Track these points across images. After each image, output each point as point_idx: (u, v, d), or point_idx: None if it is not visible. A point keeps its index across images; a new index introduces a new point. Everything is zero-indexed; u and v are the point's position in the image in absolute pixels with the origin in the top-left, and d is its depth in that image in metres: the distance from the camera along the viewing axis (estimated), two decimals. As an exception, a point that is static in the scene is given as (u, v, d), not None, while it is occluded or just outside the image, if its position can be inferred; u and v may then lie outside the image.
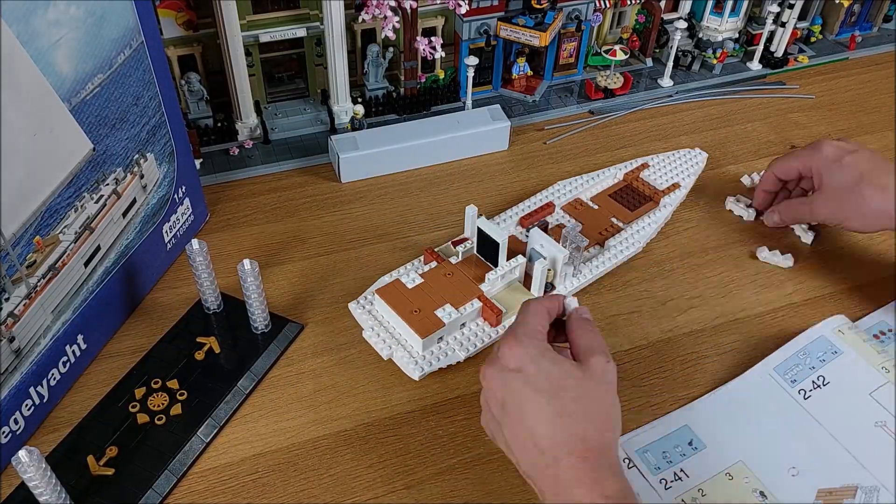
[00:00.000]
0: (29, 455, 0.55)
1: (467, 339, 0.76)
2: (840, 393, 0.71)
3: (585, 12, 1.09)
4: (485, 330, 0.77)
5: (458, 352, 0.75)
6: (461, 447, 0.70)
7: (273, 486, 0.67)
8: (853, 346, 0.74)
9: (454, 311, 0.76)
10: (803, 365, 0.73)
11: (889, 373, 0.71)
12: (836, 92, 1.16)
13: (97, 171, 0.70)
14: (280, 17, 0.98)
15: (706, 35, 1.18)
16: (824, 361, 0.73)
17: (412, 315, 0.75)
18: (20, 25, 0.57)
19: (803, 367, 0.73)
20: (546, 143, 1.05)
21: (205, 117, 1.01)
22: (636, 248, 0.86)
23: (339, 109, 1.04)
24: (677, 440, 0.69)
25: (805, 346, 0.75)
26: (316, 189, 0.96)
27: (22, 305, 0.64)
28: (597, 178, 0.95)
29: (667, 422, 0.71)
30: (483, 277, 0.79)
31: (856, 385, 0.71)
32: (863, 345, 0.74)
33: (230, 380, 0.73)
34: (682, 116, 1.10)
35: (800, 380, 0.72)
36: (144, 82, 0.74)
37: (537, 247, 0.79)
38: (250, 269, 0.72)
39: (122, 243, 0.76)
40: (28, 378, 0.67)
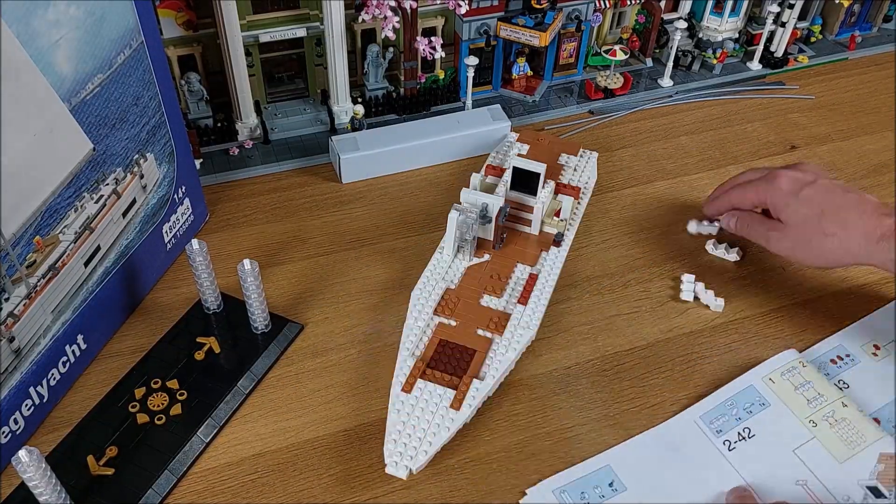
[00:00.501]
0: (29, 455, 0.55)
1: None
2: (764, 447, 0.69)
3: (585, 12, 1.09)
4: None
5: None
6: (461, 447, 0.70)
7: (273, 486, 0.67)
8: (782, 397, 0.72)
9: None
10: (729, 415, 0.71)
11: (816, 427, 0.70)
12: (836, 92, 1.16)
13: (97, 171, 0.70)
14: (280, 17, 0.98)
15: (706, 35, 1.18)
16: (751, 413, 0.71)
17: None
18: (20, 25, 0.57)
19: (730, 417, 0.71)
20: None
21: (205, 117, 1.01)
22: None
23: (339, 109, 1.04)
24: (598, 481, 0.67)
25: (732, 396, 0.73)
26: (316, 189, 0.96)
27: (22, 305, 0.64)
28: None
29: (589, 463, 0.69)
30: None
31: (780, 439, 0.69)
32: (793, 395, 0.72)
33: (230, 380, 0.73)
34: (682, 116, 1.10)
35: (725, 430, 0.70)
36: (144, 82, 0.74)
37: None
38: (250, 269, 0.72)
39: (122, 243, 0.76)
40: (28, 378, 0.67)
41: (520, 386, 0.75)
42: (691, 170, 1.00)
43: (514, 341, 0.74)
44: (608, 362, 0.77)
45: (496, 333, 0.75)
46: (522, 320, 0.76)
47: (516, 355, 0.74)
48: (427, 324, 0.76)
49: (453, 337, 0.75)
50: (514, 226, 0.86)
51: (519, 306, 0.77)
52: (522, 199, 0.85)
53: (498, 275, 0.81)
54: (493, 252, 0.83)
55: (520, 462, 0.69)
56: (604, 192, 0.96)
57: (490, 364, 0.72)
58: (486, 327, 0.75)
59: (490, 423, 0.72)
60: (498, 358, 0.73)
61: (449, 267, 0.82)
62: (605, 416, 0.72)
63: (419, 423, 0.67)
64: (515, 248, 0.84)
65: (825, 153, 1.04)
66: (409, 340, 0.74)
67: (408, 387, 0.70)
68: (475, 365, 0.72)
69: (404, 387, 0.70)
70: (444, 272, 0.81)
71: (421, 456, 0.66)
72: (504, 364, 0.72)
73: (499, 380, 0.72)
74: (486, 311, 0.77)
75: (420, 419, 0.68)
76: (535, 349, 0.78)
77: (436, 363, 0.72)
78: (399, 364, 0.72)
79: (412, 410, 0.68)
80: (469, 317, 0.77)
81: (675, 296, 0.84)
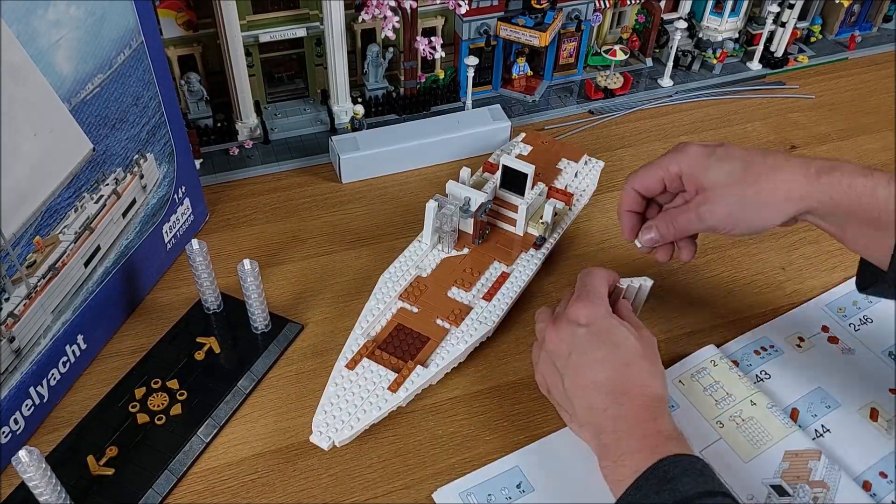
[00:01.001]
0: (29, 455, 0.55)
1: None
2: None
3: (585, 12, 1.09)
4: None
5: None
6: (461, 447, 0.70)
7: (273, 486, 0.67)
8: (691, 398, 0.72)
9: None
10: None
11: (723, 427, 0.70)
12: (836, 92, 1.16)
13: (97, 171, 0.70)
14: (280, 17, 0.98)
15: (706, 35, 1.18)
16: None
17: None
18: (20, 25, 0.57)
19: None
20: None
21: (205, 117, 1.01)
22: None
23: (339, 109, 1.04)
24: (505, 482, 0.66)
25: None
26: (316, 189, 0.96)
27: (22, 305, 0.64)
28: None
29: (497, 464, 0.68)
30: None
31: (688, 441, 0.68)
32: (701, 397, 0.72)
33: (230, 380, 0.73)
34: (682, 116, 1.10)
35: None
36: (144, 82, 0.74)
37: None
38: (250, 269, 0.72)
39: (122, 243, 0.76)
40: (28, 378, 0.67)
41: (520, 386, 0.75)
42: (691, 170, 1.00)
43: (467, 334, 0.75)
44: (608, 362, 0.77)
45: (453, 325, 0.76)
46: (482, 315, 0.77)
47: (466, 347, 0.74)
48: (389, 307, 0.77)
49: (411, 323, 0.76)
50: (500, 224, 0.87)
51: (483, 301, 0.78)
52: (510, 198, 0.85)
53: (472, 269, 0.82)
54: (472, 247, 0.84)
55: (520, 462, 0.69)
56: (604, 192, 0.96)
57: (439, 353, 0.74)
58: (446, 318, 0.77)
59: (490, 423, 0.72)
60: (447, 348, 0.74)
61: (426, 256, 0.83)
62: (605, 416, 0.72)
63: (353, 400, 0.69)
64: (496, 246, 0.85)
65: (825, 153, 1.04)
66: (366, 320, 0.75)
67: (352, 363, 0.72)
68: (425, 352, 0.74)
69: (349, 363, 0.72)
70: (418, 260, 0.82)
71: (346, 430, 0.67)
72: (452, 355, 0.74)
73: (444, 370, 0.74)
74: (450, 303, 0.79)
75: (355, 396, 0.69)
76: (535, 349, 0.78)
77: (387, 345, 0.74)
78: (349, 341, 0.74)
79: (350, 386, 0.70)
80: (432, 306, 0.78)
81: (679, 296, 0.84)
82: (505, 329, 0.80)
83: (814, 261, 0.88)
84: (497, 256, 0.83)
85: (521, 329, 0.80)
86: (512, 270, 0.82)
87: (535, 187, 0.85)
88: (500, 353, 0.78)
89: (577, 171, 0.94)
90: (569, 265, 0.87)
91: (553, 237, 0.86)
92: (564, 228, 0.89)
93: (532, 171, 0.82)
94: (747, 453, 0.68)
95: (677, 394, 0.73)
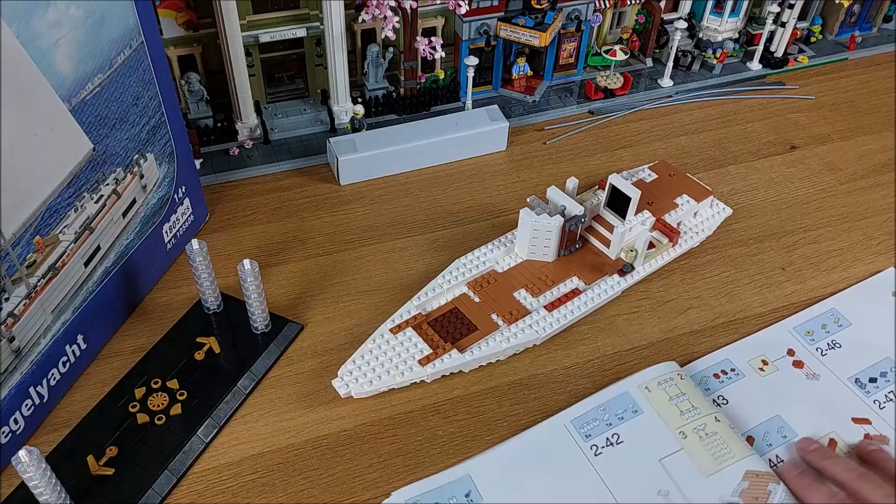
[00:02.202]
0: (29, 455, 0.55)
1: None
2: (631, 454, 0.67)
3: (585, 12, 1.09)
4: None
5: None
6: (461, 447, 0.70)
7: (273, 486, 0.67)
8: (656, 406, 0.71)
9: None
10: (601, 420, 0.70)
11: (685, 438, 0.68)
12: (836, 92, 1.16)
13: (97, 171, 0.70)
14: (280, 17, 0.98)
15: (706, 35, 1.18)
16: (622, 419, 0.70)
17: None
18: (20, 25, 0.57)
19: (601, 422, 0.70)
20: (546, 143, 1.05)
21: (205, 117, 1.01)
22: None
23: (339, 109, 1.04)
24: (454, 491, 0.65)
25: (606, 402, 0.71)
26: (316, 189, 0.96)
27: (22, 305, 0.64)
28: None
29: (447, 472, 0.67)
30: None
31: (648, 448, 0.68)
32: (666, 405, 0.71)
33: (230, 380, 0.73)
34: (682, 116, 1.10)
35: (594, 435, 0.69)
36: (144, 82, 0.74)
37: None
38: (250, 269, 0.72)
39: (122, 243, 0.76)
40: (28, 378, 0.67)
41: (520, 386, 0.75)
42: (691, 170, 1.00)
43: (513, 335, 0.75)
44: (608, 362, 0.77)
45: (506, 323, 0.76)
46: (536, 323, 0.77)
47: (507, 347, 0.75)
48: (452, 289, 0.80)
49: (467, 310, 0.78)
50: (594, 242, 0.85)
51: (543, 311, 0.78)
52: (610, 219, 0.83)
53: (548, 277, 0.81)
54: (559, 257, 0.83)
55: (520, 462, 0.69)
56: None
57: (479, 345, 0.75)
58: (502, 315, 0.77)
59: (490, 423, 0.72)
60: (489, 342, 0.75)
61: (509, 253, 0.84)
62: (605, 416, 0.72)
63: (383, 360, 0.73)
64: (583, 263, 0.83)
65: (825, 153, 1.04)
66: (426, 294, 0.79)
67: (397, 329, 0.75)
68: (467, 340, 0.75)
69: (394, 328, 0.75)
70: (499, 255, 0.83)
71: (366, 385, 0.71)
72: (492, 350, 0.74)
73: (477, 360, 0.75)
74: (512, 302, 0.79)
75: (387, 357, 0.73)
76: (535, 349, 0.78)
77: (435, 323, 0.77)
78: (402, 309, 0.77)
79: (386, 348, 0.74)
80: (494, 301, 0.79)
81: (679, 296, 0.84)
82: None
83: (814, 261, 0.88)
84: (579, 272, 0.82)
85: (521, 329, 0.80)
86: (586, 290, 0.81)
87: (640, 214, 0.82)
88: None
89: (697, 212, 0.90)
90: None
91: (644, 269, 0.84)
92: (661, 264, 0.85)
93: (637, 196, 0.79)
94: (708, 468, 0.66)
95: (642, 400, 0.72)
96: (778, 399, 0.73)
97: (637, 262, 0.83)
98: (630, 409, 0.71)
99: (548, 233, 0.81)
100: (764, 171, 1.01)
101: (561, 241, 0.82)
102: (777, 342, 0.78)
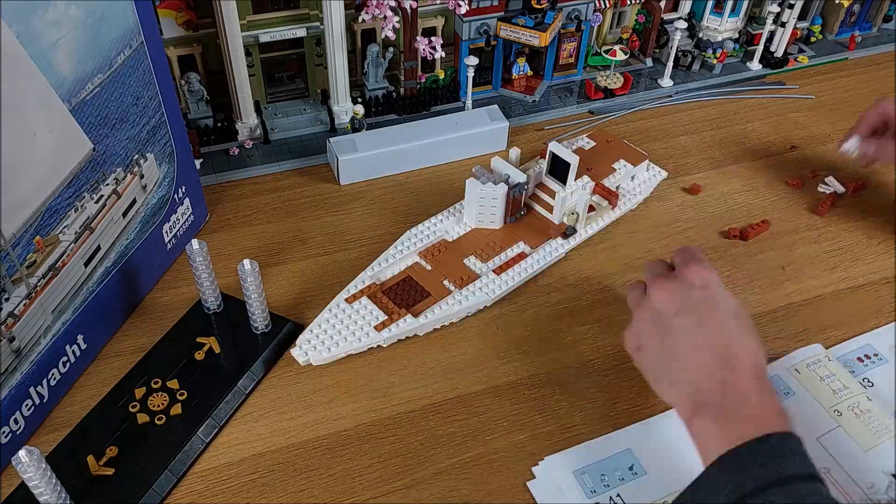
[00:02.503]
0: (29, 455, 0.55)
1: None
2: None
3: (585, 12, 1.09)
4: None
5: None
6: (461, 447, 0.70)
7: (273, 486, 0.67)
8: (807, 386, 0.72)
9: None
10: None
11: (840, 416, 0.70)
12: (836, 92, 1.16)
13: (97, 171, 0.70)
14: (280, 17, 0.98)
15: (706, 35, 1.18)
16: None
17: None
18: (20, 25, 0.57)
19: None
20: (546, 143, 1.05)
21: (205, 117, 1.01)
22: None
23: (339, 109, 1.04)
24: (617, 464, 0.67)
25: None
26: (316, 189, 0.96)
27: (22, 305, 0.64)
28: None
29: (610, 442, 0.68)
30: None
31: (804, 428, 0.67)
32: (818, 385, 0.72)
33: (230, 380, 0.73)
34: (682, 116, 1.10)
35: None
36: (144, 82, 0.74)
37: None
38: (250, 269, 0.72)
39: (122, 243, 0.76)
40: (28, 378, 0.67)
41: (520, 386, 0.75)
42: (691, 170, 1.00)
43: (465, 298, 0.78)
44: (608, 362, 0.77)
45: (457, 287, 0.79)
46: (486, 286, 0.80)
47: (459, 309, 0.78)
48: (405, 259, 0.83)
49: (420, 278, 0.81)
50: (539, 209, 0.88)
51: (492, 274, 0.81)
52: (552, 185, 0.86)
53: (496, 244, 0.85)
54: (505, 224, 0.86)
55: (520, 462, 0.69)
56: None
57: (432, 309, 0.77)
58: (453, 281, 0.80)
59: (490, 423, 0.72)
60: (442, 306, 0.78)
61: (458, 223, 0.86)
62: (605, 416, 0.72)
63: (340, 328, 0.75)
64: (528, 228, 0.87)
65: (825, 153, 1.04)
66: (379, 265, 0.81)
67: (352, 299, 0.78)
68: (421, 306, 0.78)
69: (349, 298, 0.78)
70: (449, 225, 0.86)
71: (324, 352, 0.73)
72: (446, 313, 0.77)
73: (431, 323, 0.77)
74: (462, 269, 0.82)
75: (343, 325, 0.75)
76: (535, 349, 0.78)
77: (389, 291, 0.79)
78: (357, 279, 0.80)
79: (342, 317, 0.76)
80: (445, 267, 0.82)
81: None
82: (505, 329, 0.80)
83: (814, 261, 0.88)
84: (525, 237, 0.85)
85: (522, 329, 0.80)
86: (531, 253, 0.84)
87: (580, 179, 0.85)
88: (500, 354, 0.78)
89: (634, 175, 0.94)
90: (562, 259, 0.87)
91: (586, 232, 0.87)
92: (601, 227, 0.90)
93: (576, 162, 0.83)
94: (867, 442, 0.68)
95: (793, 382, 0.73)
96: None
97: (579, 224, 0.87)
98: (782, 391, 0.73)
99: (494, 200, 0.84)
100: (764, 171, 1.00)
101: (507, 209, 0.85)
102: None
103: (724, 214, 0.94)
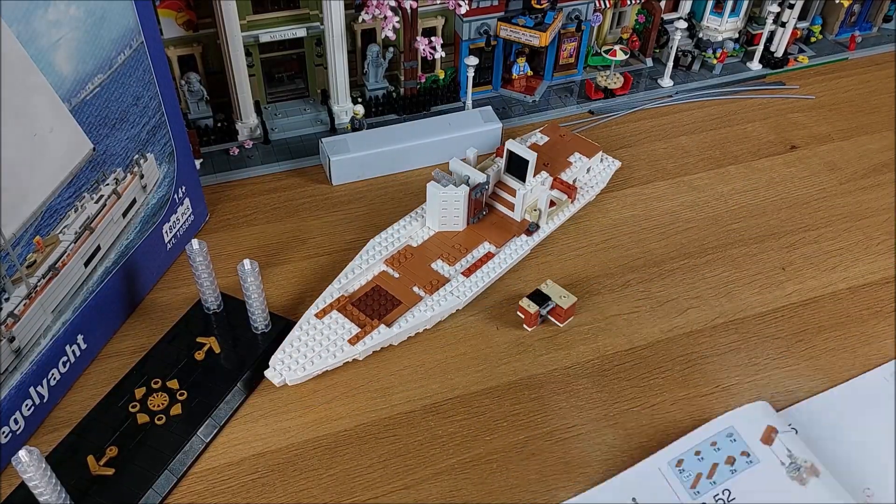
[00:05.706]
0: (29, 455, 0.55)
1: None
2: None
3: (585, 12, 1.09)
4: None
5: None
6: (461, 447, 0.70)
7: (273, 486, 0.67)
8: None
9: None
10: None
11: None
12: (836, 92, 1.16)
13: (97, 171, 0.70)
14: (280, 17, 0.98)
15: (706, 35, 1.18)
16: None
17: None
18: (20, 25, 0.57)
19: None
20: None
21: (205, 117, 1.01)
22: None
23: (339, 109, 1.04)
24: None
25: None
26: (316, 189, 0.96)
27: (22, 305, 0.64)
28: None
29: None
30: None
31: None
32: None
33: (230, 380, 0.73)
34: (682, 116, 1.10)
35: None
36: (144, 82, 0.74)
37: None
38: (250, 269, 0.72)
39: (122, 243, 0.76)
40: (28, 378, 0.67)
41: (520, 386, 0.75)
42: (691, 170, 1.00)
43: (437, 303, 0.78)
44: (608, 362, 0.77)
45: (428, 293, 0.79)
46: (456, 289, 0.80)
47: (432, 315, 0.77)
48: (371, 268, 0.82)
49: (389, 286, 0.80)
50: (500, 208, 0.88)
51: (461, 277, 0.81)
52: (511, 183, 0.86)
53: (462, 246, 0.85)
54: (468, 225, 0.86)
55: (520, 462, 0.69)
56: (604, 192, 0.96)
57: (405, 317, 0.76)
58: (423, 287, 0.80)
59: (490, 423, 0.72)
60: (414, 313, 0.77)
61: (421, 227, 0.86)
62: (605, 416, 0.73)
63: (313, 345, 0.74)
64: (491, 228, 0.87)
65: (825, 153, 1.04)
66: (346, 276, 0.80)
67: (321, 314, 0.76)
68: (393, 314, 0.77)
69: (318, 313, 0.76)
70: (412, 230, 0.85)
71: (299, 371, 0.72)
72: (418, 320, 0.77)
73: (406, 332, 0.77)
74: (431, 273, 0.82)
75: (316, 342, 0.74)
76: (535, 349, 0.78)
77: (359, 303, 0.78)
78: (325, 293, 0.78)
79: (314, 333, 0.75)
80: (413, 274, 0.81)
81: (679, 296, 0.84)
82: (504, 328, 0.80)
83: (814, 261, 0.88)
84: (489, 237, 0.85)
85: (522, 329, 0.80)
86: (498, 252, 0.84)
87: (538, 176, 0.86)
88: (499, 353, 0.78)
89: (589, 167, 0.95)
90: (563, 260, 0.87)
91: (548, 227, 0.88)
92: (562, 221, 0.90)
93: (534, 158, 0.83)
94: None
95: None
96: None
97: (541, 220, 0.87)
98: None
99: (455, 202, 0.84)
100: (764, 171, 1.01)
101: (469, 210, 0.85)
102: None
103: (724, 214, 0.94)
